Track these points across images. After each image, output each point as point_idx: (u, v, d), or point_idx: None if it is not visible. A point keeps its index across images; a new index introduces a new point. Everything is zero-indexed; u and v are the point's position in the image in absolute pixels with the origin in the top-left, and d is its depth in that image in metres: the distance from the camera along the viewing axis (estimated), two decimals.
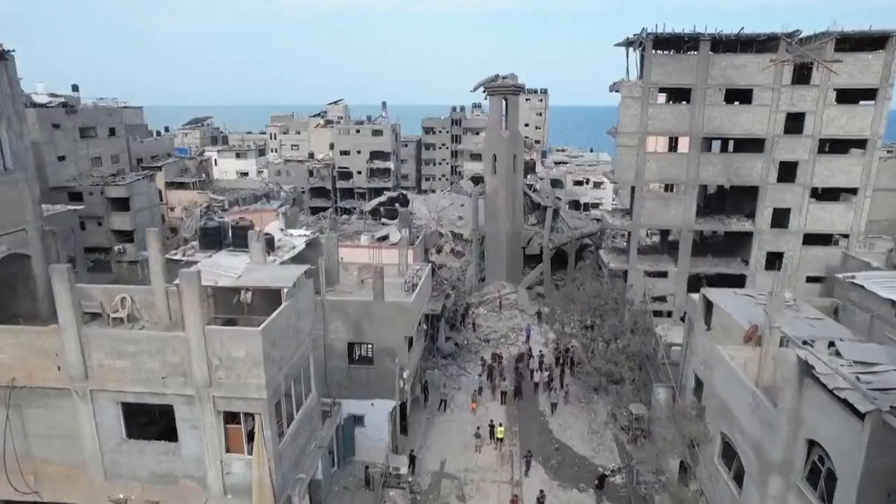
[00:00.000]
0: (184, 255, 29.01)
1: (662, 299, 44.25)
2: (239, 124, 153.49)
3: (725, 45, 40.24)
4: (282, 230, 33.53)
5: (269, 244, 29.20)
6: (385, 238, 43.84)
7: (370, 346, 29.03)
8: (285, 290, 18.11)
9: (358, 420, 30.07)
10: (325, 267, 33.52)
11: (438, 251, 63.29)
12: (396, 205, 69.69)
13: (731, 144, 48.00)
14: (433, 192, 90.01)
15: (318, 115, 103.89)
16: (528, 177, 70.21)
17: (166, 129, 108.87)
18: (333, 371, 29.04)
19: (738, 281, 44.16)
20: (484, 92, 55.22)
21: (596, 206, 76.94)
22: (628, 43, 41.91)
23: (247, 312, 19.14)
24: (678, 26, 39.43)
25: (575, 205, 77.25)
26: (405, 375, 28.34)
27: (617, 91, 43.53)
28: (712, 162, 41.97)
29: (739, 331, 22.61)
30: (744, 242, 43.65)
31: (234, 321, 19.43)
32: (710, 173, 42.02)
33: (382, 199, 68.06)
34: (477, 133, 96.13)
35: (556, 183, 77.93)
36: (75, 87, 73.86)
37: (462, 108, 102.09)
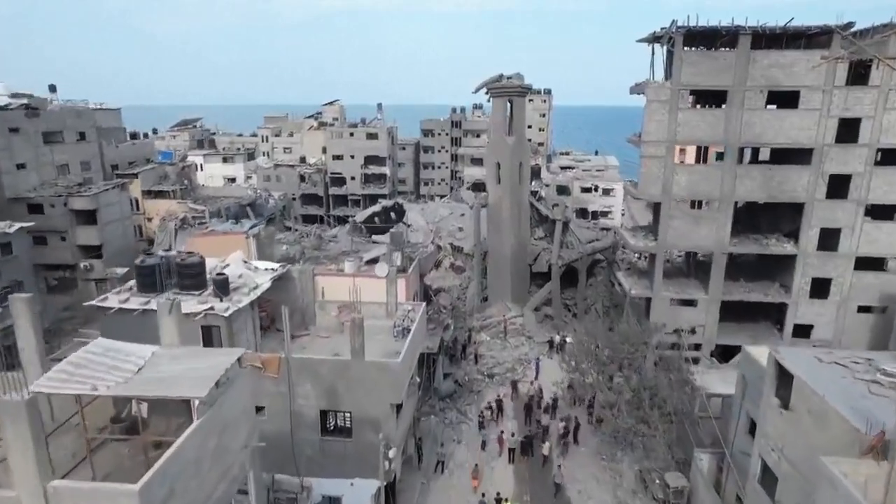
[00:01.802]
0: (117, 302, 22.53)
1: (691, 331, 37.87)
2: (239, 124, 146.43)
3: (768, 40, 33.78)
4: (245, 262, 27.04)
5: (222, 287, 22.74)
6: (375, 261, 37.42)
7: (348, 414, 22.60)
8: (197, 403, 11.66)
9: (334, 502, 23.70)
10: (294, 310, 27.09)
11: (437, 266, 56.83)
12: (392, 214, 63.30)
13: (761, 154, 41.60)
14: (432, 198, 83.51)
15: (313, 116, 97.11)
16: (533, 183, 63.73)
17: (154, 132, 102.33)
18: (303, 444, 22.61)
19: (777, 310, 37.83)
20: (487, 93, 48.66)
21: (605, 214, 70.43)
22: (654, 38, 35.37)
23: (148, 426, 12.69)
24: (678, 23, 33.03)
25: (582, 213, 70.72)
26: (391, 454, 21.90)
27: (641, 94, 37.05)
28: (751, 175, 35.45)
29: (839, 423, 16.15)
30: (782, 265, 37.18)
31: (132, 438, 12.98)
32: (748, 188, 35.50)
33: (376, 208, 61.55)
34: (478, 135, 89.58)
35: (562, 189, 71.45)
36: (52, 88, 67.43)
37: (462, 110, 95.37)
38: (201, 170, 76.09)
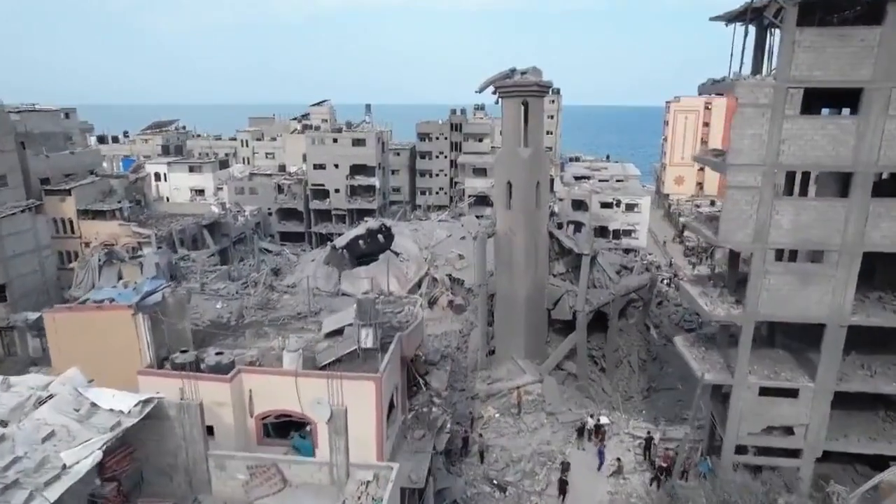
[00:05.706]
0: None
1: (788, 431, 25.47)
2: (234, 126, 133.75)
3: None
4: (79, 393, 14.48)
5: None
6: (340, 332, 24.96)
7: None
8: None
9: None
10: (173, 469, 14.76)
11: (431, 305, 44.39)
12: (378, 236, 50.74)
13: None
14: (428, 210, 70.89)
15: (297, 118, 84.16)
16: None
17: (125, 134, 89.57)
18: None
19: None
20: (494, 93, 35.99)
21: (629, 233, 57.78)
22: (753, 10, 22.61)
23: None
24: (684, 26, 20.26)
25: (602, 231, 58.11)
26: None
27: (718, 94, 24.51)
28: (892, 213, 22.82)
29: None
30: None
31: None
32: (887, 232, 22.88)
33: (360, 230, 49.01)
34: (480, 139, 76.84)
35: (578, 204, 58.76)
36: None
37: (462, 111, 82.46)
38: (165, 180, 63.42)
